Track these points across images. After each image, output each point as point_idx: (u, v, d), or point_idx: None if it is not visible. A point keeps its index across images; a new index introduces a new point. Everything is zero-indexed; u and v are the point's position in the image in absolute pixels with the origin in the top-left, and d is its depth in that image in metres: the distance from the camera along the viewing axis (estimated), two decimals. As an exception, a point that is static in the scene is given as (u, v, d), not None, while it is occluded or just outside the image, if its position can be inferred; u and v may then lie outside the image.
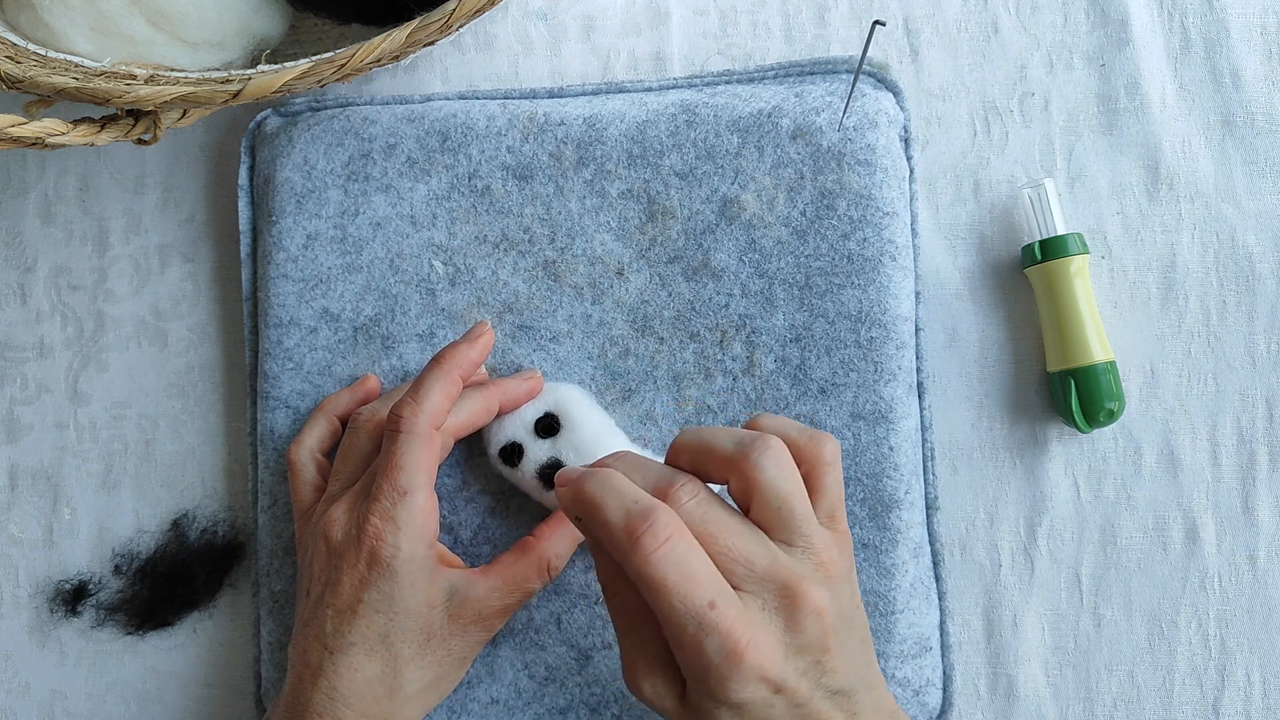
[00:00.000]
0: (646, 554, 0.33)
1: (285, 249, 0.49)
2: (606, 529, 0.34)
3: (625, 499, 0.34)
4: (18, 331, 0.53)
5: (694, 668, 0.34)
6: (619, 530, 0.34)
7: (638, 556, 0.33)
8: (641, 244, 0.47)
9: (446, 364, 0.43)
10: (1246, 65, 0.49)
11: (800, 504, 0.36)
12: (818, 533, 0.36)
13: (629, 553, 0.34)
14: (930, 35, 0.50)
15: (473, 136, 0.48)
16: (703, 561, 0.34)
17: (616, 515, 0.34)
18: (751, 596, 0.34)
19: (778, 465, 0.36)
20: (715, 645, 0.33)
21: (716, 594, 0.33)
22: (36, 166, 0.54)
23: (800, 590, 0.34)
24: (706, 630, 0.33)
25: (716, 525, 0.35)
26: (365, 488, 0.43)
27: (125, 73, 0.44)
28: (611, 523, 0.34)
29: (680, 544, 0.34)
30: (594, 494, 0.35)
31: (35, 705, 0.51)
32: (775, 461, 0.36)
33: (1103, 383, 0.46)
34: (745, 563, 0.35)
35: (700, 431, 0.37)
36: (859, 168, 0.46)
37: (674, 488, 0.35)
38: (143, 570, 0.51)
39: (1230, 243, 0.49)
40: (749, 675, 0.33)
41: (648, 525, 0.33)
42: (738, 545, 0.35)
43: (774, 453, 0.36)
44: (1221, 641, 0.47)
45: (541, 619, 0.47)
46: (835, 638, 0.35)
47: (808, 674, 0.35)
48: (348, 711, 0.40)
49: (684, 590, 0.33)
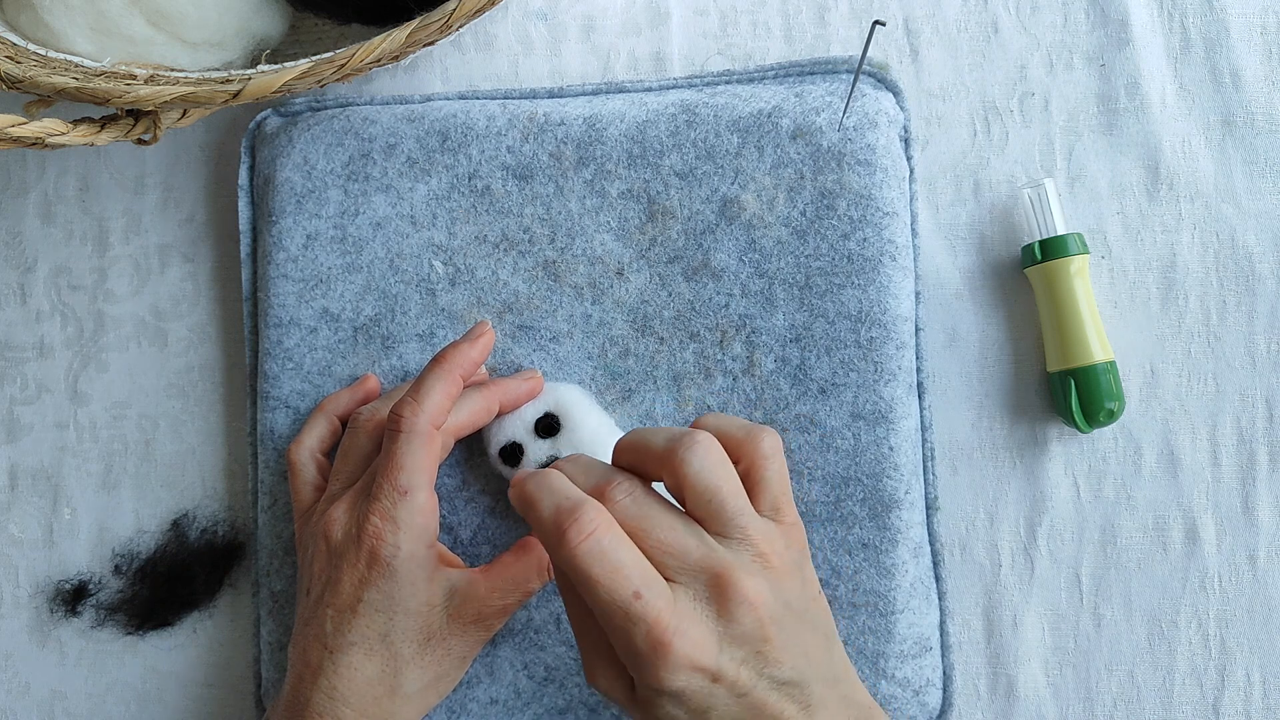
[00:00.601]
0: (571, 547, 0.34)
1: (285, 249, 0.49)
2: (539, 525, 0.35)
3: (557, 495, 0.35)
4: (18, 331, 0.53)
5: (627, 658, 0.35)
6: (548, 525, 0.35)
7: (564, 550, 0.34)
8: (641, 244, 0.47)
9: (447, 364, 0.43)
10: (1246, 65, 0.49)
11: (731, 496, 0.36)
12: (754, 524, 0.36)
13: (556, 547, 0.34)
14: (930, 35, 0.50)
15: (473, 136, 0.48)
16: (629, 553, 0.34)
17: (548, 511, 0.35)
18: (682, 588, 0.35)
19: (704, 459, 0.36)
20: (642, 635, 0.34)
21: (642, 585, 0.34)
22: (36, 166, 0.54)
23: (731, 579, 0.35)
24: (633, 620, 0.34)
25: (648, 520, 0.36)
26: (365, 487, 0.43)
27: (125, 73, 0.44)
28: (543, 518, 0.35)
29: (605, 537, 0.34)
30: (531, 491, 0.36)
31: (35, 705, 0.51)
32: (701, 455, 0.36)
33: (1103, 383, 0.46)
34: (677, 554, 0.35)
35: (640, 432, 0.38)
36: (859, 168, 0.46)
37: (610, 485, 0.36)
38: (143, 570, 0.51)
39: (1230, 243, 0.49)
40: (679, 664, 0.34)
41: (573, 520, 0.34)
42: (669, 538, 0.35)
43: (700, 447, 0.36)
44: (1221, 641, 0.47)
45: (541, 619, 0.47)
46: (776, 627, 0.35)
47: (747, 663, 0.35)
48: (347, 711, 0.40)
49: (609, 582, 0.34)
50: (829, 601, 0.45)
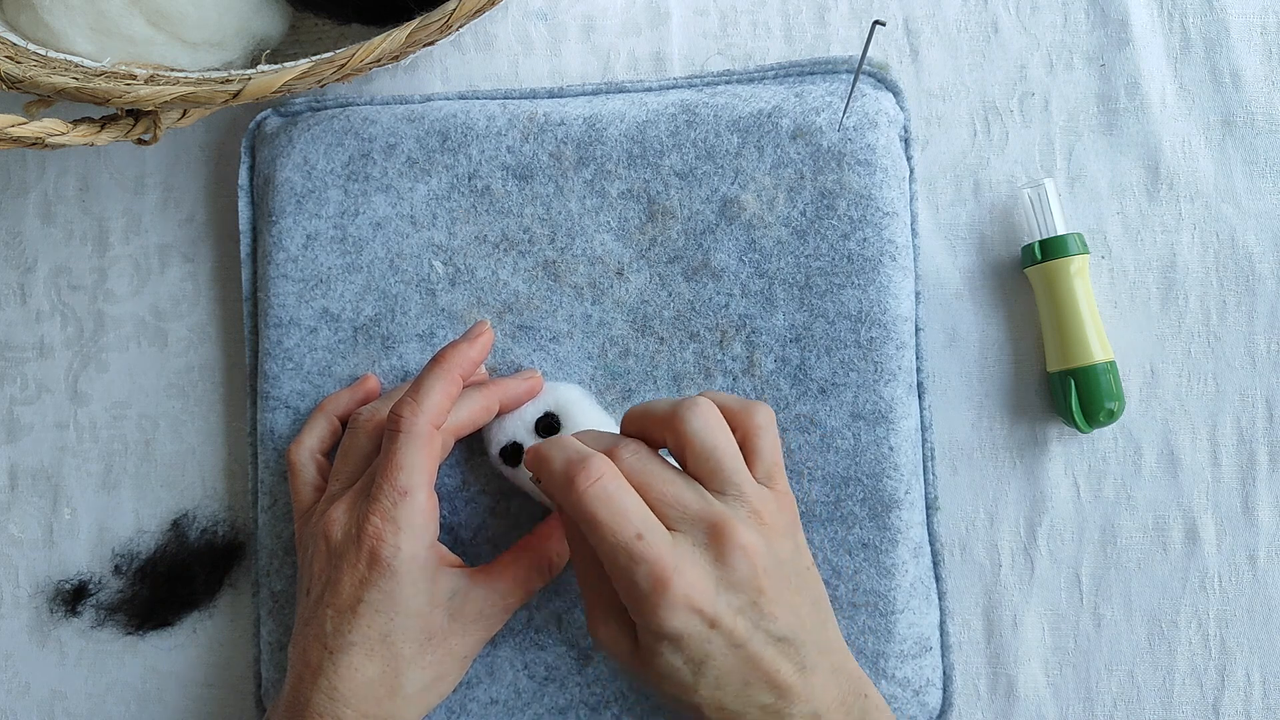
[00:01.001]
0: (579, 493, 0.36)
1: (285, 249, 0.49)
2: (550, 476, 0.38)
3: (568, 450, 0.38)
4: (18, 331, 0.53)
5: (629, 599, 0.37)
6: (559, 475, 0.37)
7: (573, 494, 0.36)
8: (641, 244, 0.47)
9: (446, 363, 0.43)
10: (1246, 65, 0.49)
11: (729, 456, 0.38)
12: (749, 485, 0.39)
13: (566, 492, 0.37)
14: (930, 35, 0.50)
15: (473, 136, 0.48)
16: (632, 499, 0.37)
17: (559, 464, 0.38)
18: (682, 535, 0.37)
19: (704, 420, 0.38)
20: (644, 573, 0.36)
21: (644, 527, 0.36)
22: (36, 166, 0.54)
23: (728, 528, 0.37)
24: (635, 559, 0.36)
25: (651, 474, 0.38)
26: (365, 488, 0.43)
27: (125, 73, 0.44)
28: (552, 471, 0.38)
29: (611, 483, 0.37)
30: (544, 450, 0.39)
31: (35, 705, 0.51)
32: (702, 416, 0.39)
33: (1103, 383, 0.46)
34: (677, 505, 0.37)
35: (644, 402, 0.41)
36: (859, 168, 0.46)
37: (617, 446, 0.39)
38: (143, 570, 0.51)
39: (1230, 243, 0.49)
40: (677, 603, 0.36)
41: (582, 468, 0.37)
42: (669, 490, 0.38)
43: (701, 409, 0.39)
44: (1221, 641, 0.47)
45: (541, 619, 0.47)
46: (769, 579, 0.37)
47: (743, 613, 0.37)
48: (348, 711, 0.40)
49: (613, 523, 0.36)
50: (829, 602, 0.45)
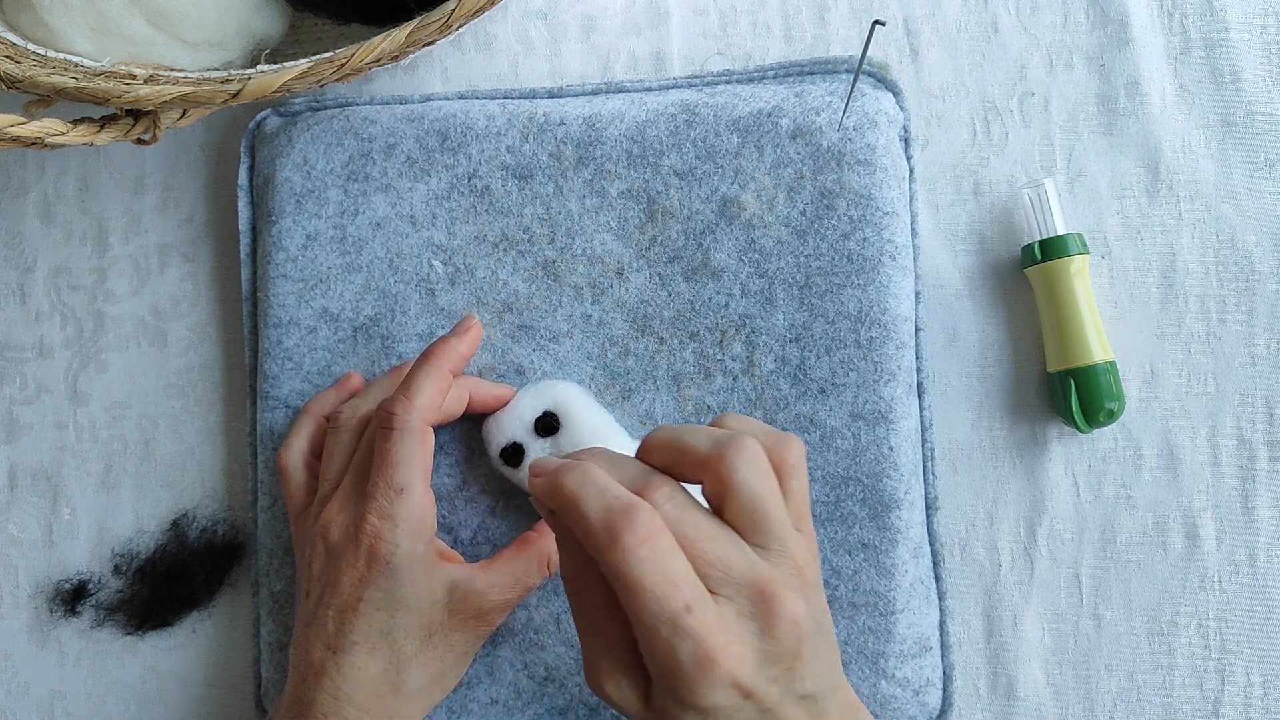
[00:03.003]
0: (626, 552, 0.32)
1: (285, 249, 0.49)
2: (584, 524, 0.34)
3: (606, 495, 0.34)
4: (17, 331, 0.53)
5: (665, 671, 0.33)
6: (598, 526, 0.33)
7: (617, 554, 0.32)
8: (641, 244, 0.47)
9: (437, 359, 0.43)
10: (1246, 65, 0.49)
11: (775, 508, 0.35)
12: (792, 537, 0.35)
13: (607, 549, 0.33)
14: (930, 35, 0.50)
15: (472, 136, 0.48)
16: (681, 564, 0.33)
17: (596, 511, 0.33)
18: (727, 601, 0.34)
19: (752, 466, 0.35)
20: (689, 650, 0.32)
21: (693, 598, 0.33)
22: (36, 166, 0.54)
23: (777, 596, 0.34)
24: (681, 634, 0.32)
25: (694, 528, 0.34)
26: (357, 485, 0.43)
27: (125, 73, 0.44)
28: (591, 519, 0.33)
29: (660, 544, 0.33)
30: (574, 489, 0.34)
31: (35, 705, 0.51)
32: (750, 462, 0.35)
33: (1103, 383, 0.46)
34: (722, 567, 0.34)
35: (674, 430, 0.37)
36: (859, 168, 0.46)
37: (651, 489, 0.35)
38: (142, 570, 0.51)
39: (1230, 243, 0.49)
40: (720, 680, 0.33)
41: (628, 523, 0.33)
42: (713, 549, 0.34)
43: (749, 454, 0.35)
44: (1221, 641, 0.47)
45: (541, 619, 0.47)
46: (808, 645, 0.35)
47: (778, 680, 0.34)
48: (352, 710, 0.40)
49: (661, 592, 0.32)
50: (829, 602, 0.45)
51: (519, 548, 0.44)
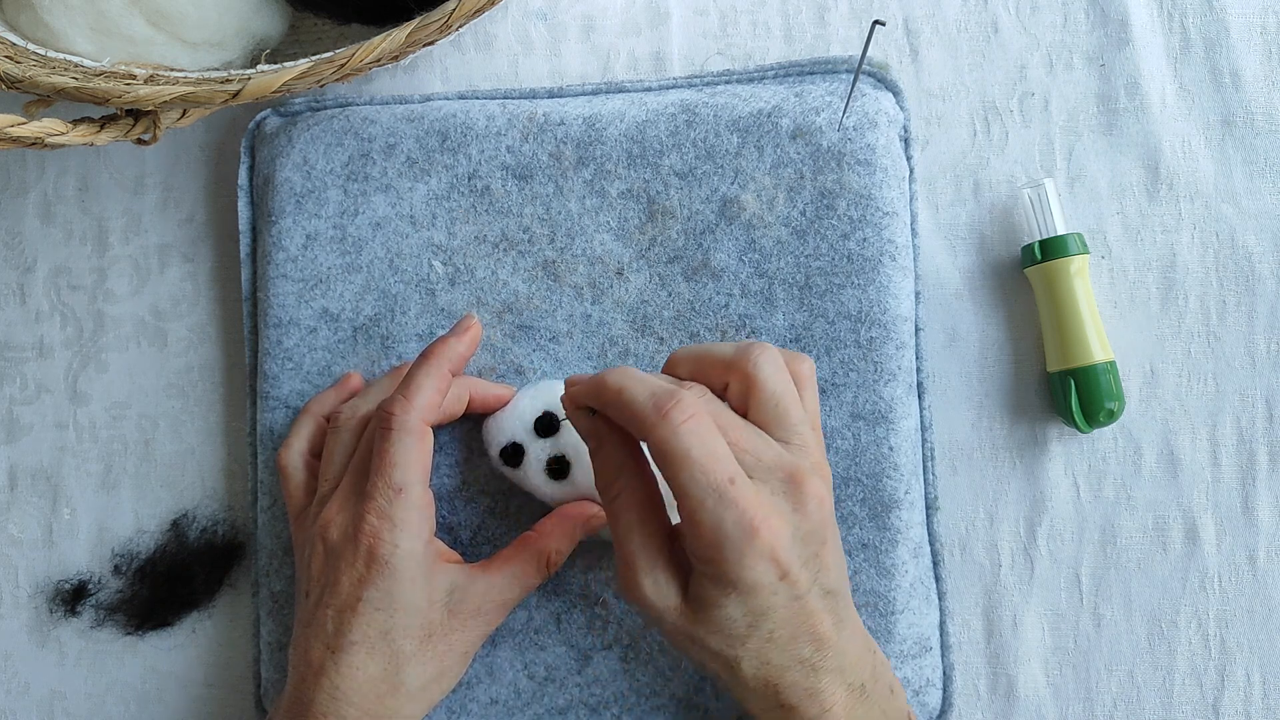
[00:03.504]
0: (675, 426, 0.35)
1: (285, 249, 0.49)
2: (632, 407, 0.36)
3: (650, 383, 0.37)
4: (17, 331, 0.53)
5: (710, 544, 0.35)
6: (647, 407, 0.36)
7: (666, 427, 0.35)
8: (641, 244, 0.47)
9: (436, 359, 0.43)
10: (1246, 65, 0.49)
11: (794, 404, 0.38)
12: (810, 434, 0.38)
13: (657, 425, 0.35)
14: (930, 35, 0.50)
15: (472, 136, 0.48)
16: (722, 443, 0.36)
17: (643, 396, 0.36)
18: (761, 483, 0.36)
19: (774, 365, 0.38)
20: (734, 519, 0.35)
21: (735, 472, 0.35)
22: (36, 166, 0.54)
23: (803, 477, 0.37)
24: (726, 503, 0.35)
25: (726, 420, 0.37)
26: (356, 485, 0.43)
27: (125, 73, 0.44)
28: (639, 401, 0.36)
29: (705, 422, 0.36)
30: (617, 381, 0.37)
31: (35, 705, 0.51)
32: (772, 361, 0.38)
33: (1103, 383, 0.46)
34: (754, 453, 0.36)
35: (697, 345, 0.40)
36: (859, 168, 0.46)
37: (684, 387, 0.37)
38: (142, 570, 0.51)
39: (1230, 243, 0.49)
40: (762, 552, 0.35)
41: (675, 402, 0.35)
42: (745, 436, 0.37)
43: (770, 354, 0.38)
44: (1221, 641, 0.47)
45: (541, 619, 0.47)
46: (831, 531, 0.38)
47: (808, 565, 0.37)
48: (351, 710, 0.40)
49: (707, 464, 0.35)
50: None
51: (518, 548, 0.44)
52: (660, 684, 0.46)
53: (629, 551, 0.38)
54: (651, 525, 0.38)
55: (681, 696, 0.46)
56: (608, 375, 0.38)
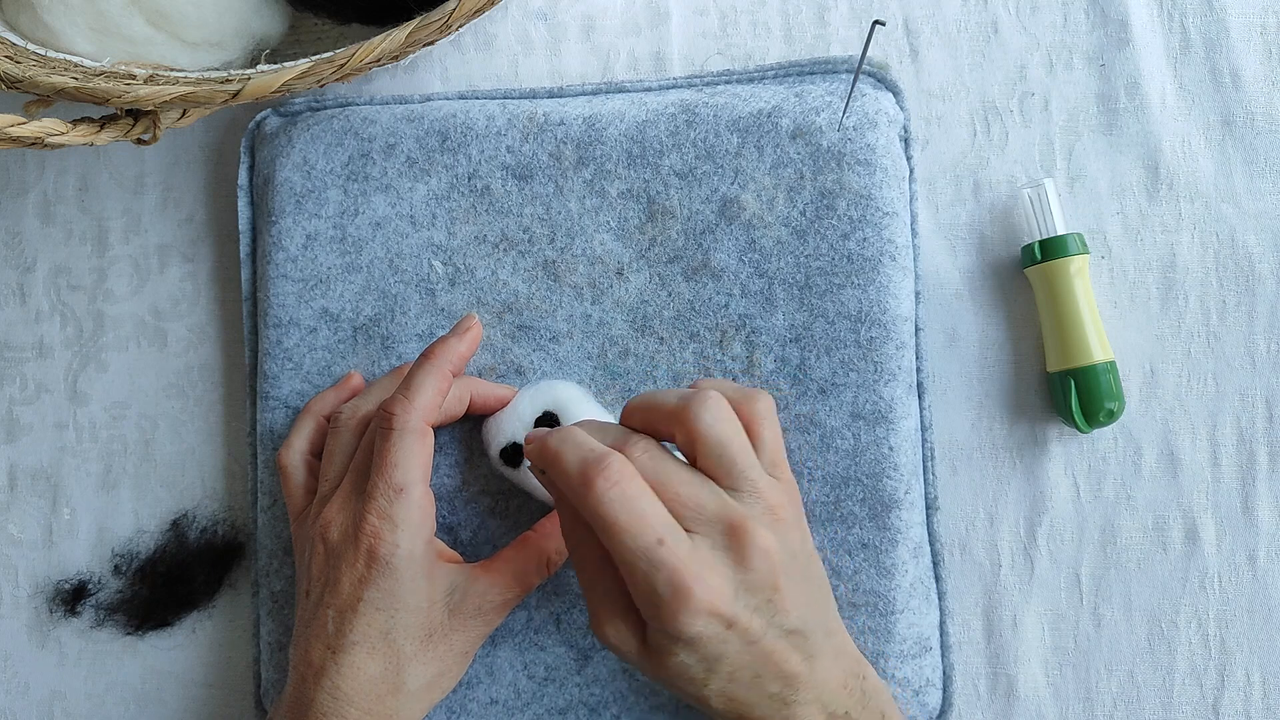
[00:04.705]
0: (599, 494, 0.35)
1: (285, 249, 0.49)
2: (564, 475, 0.37)
3: (582, 448, 0.37)
4: (17, 331, 0.53)
5: (647, 604, 0.36)
6: (575, 474, 0.36)
7: (592, 497, 0.36)
8: (641, 244, 0.47)
9: (437, 359, 0.43)
10: (1246, 65, 0.49)
11: (740, 451, 0.38)
12: (762, 479, 0.38)
13: (584, 495, 0.36)
14: (930, 35, 0.50)
15: (472, 136, 0.48)
16: (652, 503, 0.36)
17: (574, 463, 0.37)
18: (701, 537, 0.36)
19: (714, 414, 0.38)
20: (664, 580, 0.35)
21: (665, 532, 0.35)
22: (36, 166, 0.54)
23: (747, 529, 0.36)
24: (656, 566, 0.35)
25: (667, 474, 0.37)
26: (356, 485, 0.43)
27: (125, 73, 0.44)
28: (569, 468, 0.37)
29: (631, 486, 0.36)
30: (555, 445, 0.38)
31: (35, 705, 0.51)
32: (712, 410, 0.38)
33: (1103, 383, 0.46)
34: (694, 506, 0.37)
35: (648, 393, 0.40)
36: (859, 168, 0.46)
37: (629, 444, 0.38)
38: (142, 570, 0.51)
39: (1230, 243, 0.49)
40: (699, 609, 0.35)
41: (601, 469, 0.36)
42: (686, 491, 0.37)
43: (711, 403, 0.38)
44: (1221, 641, 0.47)
45: (541, 619, 0.47)
46: (785, 577, 0.37)
47: (760, 611, 0.36)
48: (352, 710, 0.40)
49: (634, 528, 0.35)
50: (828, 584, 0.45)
51: (518, 548, 0.44)
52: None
53: (591, 602, 0.39)
54: (608, 579, 0.38)
55: (681, 696, 0.46)
56: (549, 438, 0.38)
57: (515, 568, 0.44)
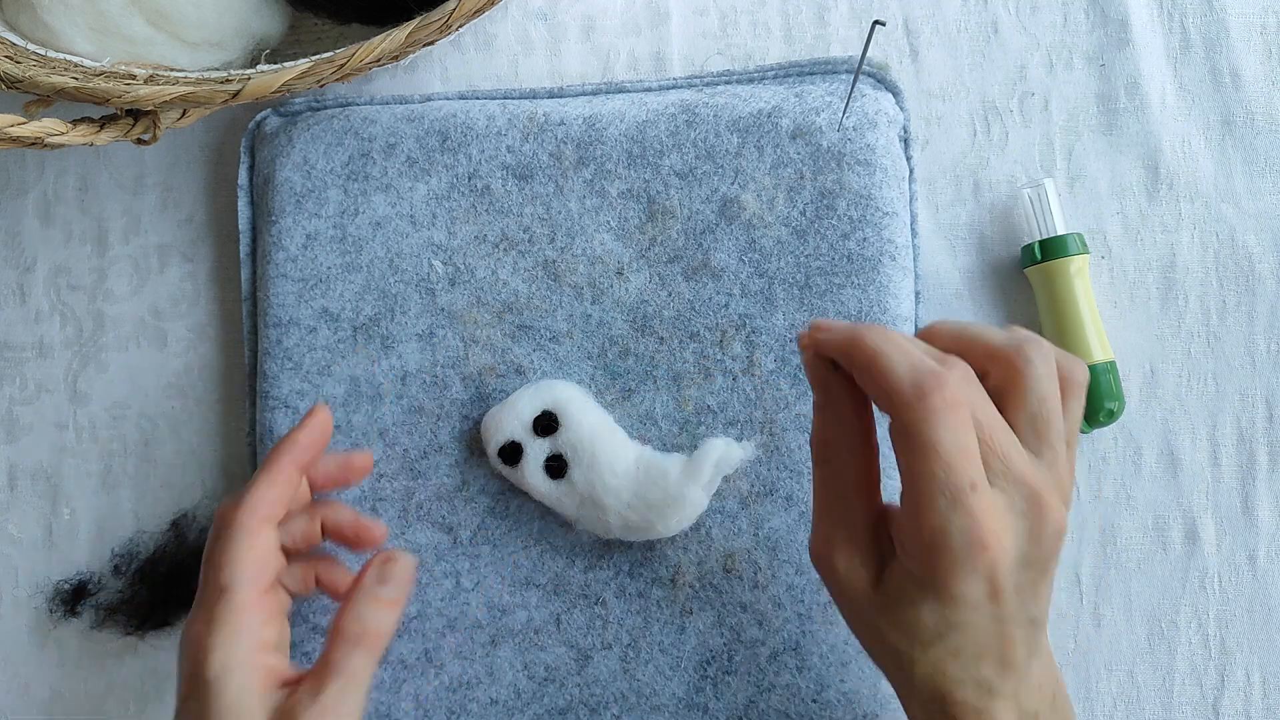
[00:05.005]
0: (931, 412, 0.32)
1: (285, 248, 0.49)
2: (888, 378, 0.33)
3: (913, 356, 0.33)
4: (17, 331, 0.53)
5: (928, 546, 0.32)
6: (905, 382, 0.32)
7: (921, 412, 0.32)
8: (641, 244, 0.47)
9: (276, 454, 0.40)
10: (1246, 65, 0.49)
11: (1058, 415, 0.34)
12: (1063, 451, 0.34)
13: (909, 405, 0.32)
14: (930, 35, 0.50)
15: (473, 136, 0.48)
16: (974, 440, 0.32)
17: (904, 368, 0.33)
18: (1002, 494, 0.33)
19: (1047, 365, 0.34)
20: (962, 528, 0.32)
21: (980, 477, 0.32)
22: (36, 166, 0.54)
23: (1048, 504, 0.33)
24: (960, 510, 0.32)
25: (985, 413, 0.33)
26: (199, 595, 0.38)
27: (125, 73, 0.44)
28: (898, 374, 0.33)
29: (963, 414, 0.32)
30: (876, 343, 0.34)
31: (35, 705, 0.51)
32: (1046, 361, 0.34)
33: (1103, 383, 0.46)
34: (1005, 459, 0.33)
35: (961, 322, 0.36)
36: (859, 168, 0.46)
37: (949, 365, 0.34)
38: (142, 570, 0.51)
39: (1230, 243, 0.49)
40: (982, 570, 0.32)
41: (938, 385, 0.32)
42: (1002, 439, 0.33)
43: (1046, 352, 0.34)
44: (1221, 641, 0.47)
45: (541, 619, 0.46)
46: (1055, 564, 0.34)
47: (1021, 591, 0.33)
48: None
49: (954, 461, 0.32)
50: (828, 603, 0.45)
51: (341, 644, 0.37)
52: (660, 684, 0.46)
53: (828, 524, 0.35)
54: (860, 503, 0.35)
55: (682, 696, 0.46)
56: (866, 333, 0.34)
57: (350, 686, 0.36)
